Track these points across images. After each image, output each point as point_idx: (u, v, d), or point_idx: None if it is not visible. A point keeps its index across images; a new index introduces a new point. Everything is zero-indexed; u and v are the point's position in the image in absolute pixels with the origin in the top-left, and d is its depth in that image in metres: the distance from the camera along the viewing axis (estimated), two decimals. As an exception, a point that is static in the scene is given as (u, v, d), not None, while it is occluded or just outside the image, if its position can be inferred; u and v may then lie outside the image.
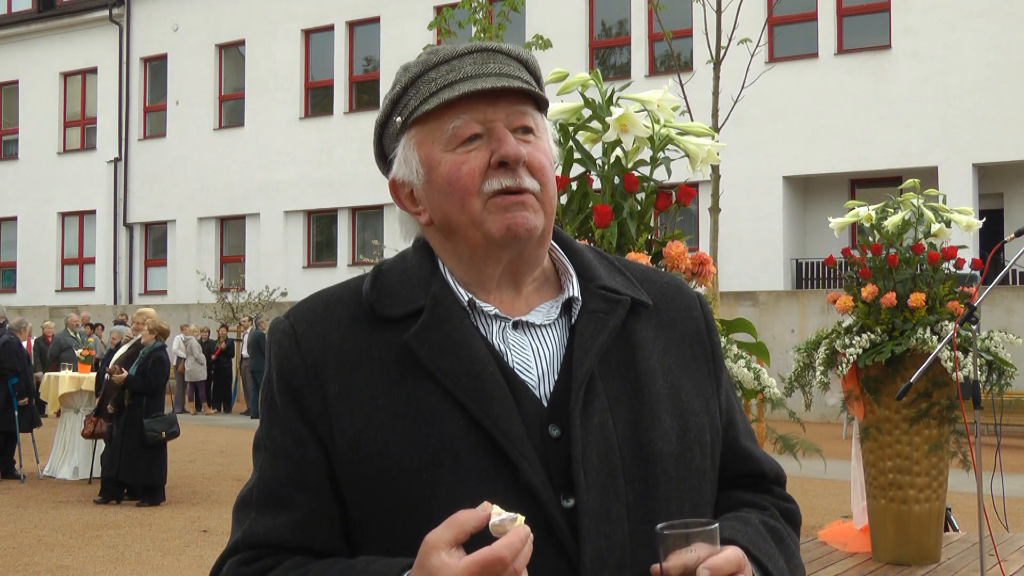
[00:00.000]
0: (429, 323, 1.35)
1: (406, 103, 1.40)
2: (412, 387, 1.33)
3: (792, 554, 1.43)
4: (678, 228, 3.68)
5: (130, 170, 27.75)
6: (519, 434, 1.30)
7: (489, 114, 1.36)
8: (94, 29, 28.32)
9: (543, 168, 1.38)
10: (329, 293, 1.46)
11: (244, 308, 23.26)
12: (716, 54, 8.67)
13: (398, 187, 1.44)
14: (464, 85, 1.35)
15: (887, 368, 6.13)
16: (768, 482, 1.52)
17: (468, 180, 1.35)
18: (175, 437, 9.97)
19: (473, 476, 1.29)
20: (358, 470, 1.32)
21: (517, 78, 1.38)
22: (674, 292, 1.50)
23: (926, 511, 6.19)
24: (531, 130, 1.39)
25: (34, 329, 16.99)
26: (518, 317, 1.40)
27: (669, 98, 3.53)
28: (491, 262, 1.39)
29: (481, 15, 9.35)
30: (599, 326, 1.38)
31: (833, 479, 10.33)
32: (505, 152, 1.34)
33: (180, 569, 7.37)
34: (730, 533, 1.35)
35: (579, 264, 1.45)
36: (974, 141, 18.47)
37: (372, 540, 1.34)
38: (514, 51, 1.42)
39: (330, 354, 1.37)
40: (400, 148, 1.42)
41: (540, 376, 1.37)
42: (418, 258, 1.43)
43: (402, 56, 22.08)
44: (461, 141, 1.36)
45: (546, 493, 1.29)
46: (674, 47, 10.81)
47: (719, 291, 9.57)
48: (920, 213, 6.33)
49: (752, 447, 1.52)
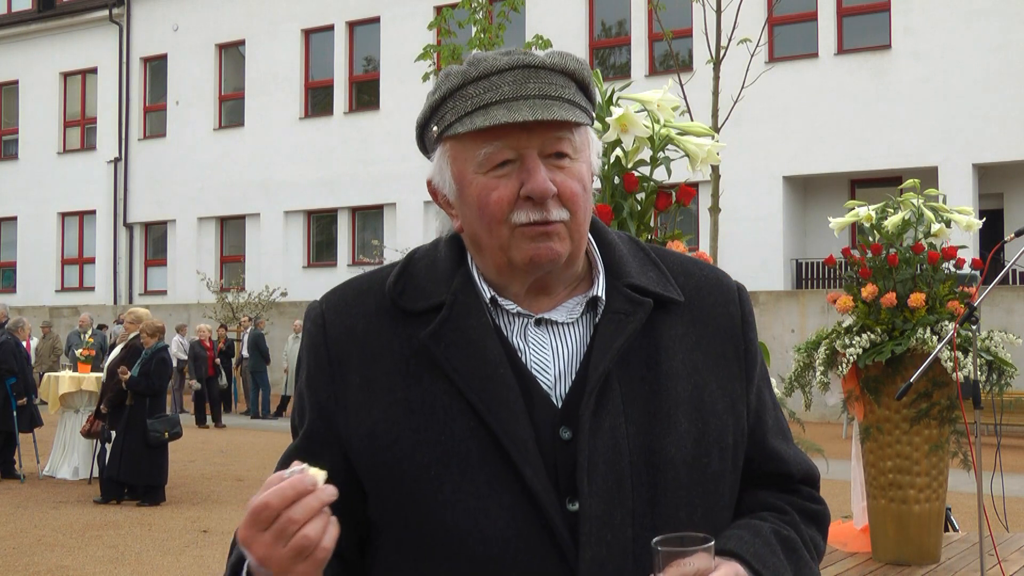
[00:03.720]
0: (448, 320, 1.36)
1: (443, 115, 1.37)
2: (428, 384, 1.34)
3: (804, 563, 1.40)
4: (678, 228, 3.68)
5: (130, 170, 27.75)
6: (525, 438, 1.30)
7: (523, 141, 1.33)
8: (94, 29, 28.32)
9: (574, 196, 1.34)
10: (360, 281, 1.46)
11: (244, 308, 23.25)
12: (716, 54, 8.66)
13: (435, 190, 1.44)
14: (499, 112, 1.31)
15: (887, 368, 6.12)
16: (795, 483, 1.48)
17: (496, 208, 1.33)
18: (178, 437, 9.99)
19: (479, 476, 1.30)
20: (371, 462, 1.34)
21: (558, 99, 1.33)
22: (712, 286, 1.47)
23: (926, 511, 6.18)
24: (566, 155, 1.35)
25: (34, 329, 17.02)
26: (541, 314, 1.39)
27: (669, 98, 3.53)
28: (516, 281, 1.39)
29: (481, 15, 9.34)
30: (619, 328, 1.37)
31: (833, 479, 10.32)
32: (531, 188, 1.31)
33: (180, 569, 7.37)
34: (735, 544, 1.33)
35: (610, 259, 1.43)
36: (974, 141, 18.47)
37: (384, 531, 1.36)
38: (559, 64, 1.36)
39: (354, 345, 1.39)
40: (436, 156, 1.41)
41: (557, 376, 1.36)
42: (448, 250, 1.44)
43: (402, 56, 22.08)
44: (493, 166, 1.34)
45: (548, 498, 1.29)
46: (674, 47, 10.80)
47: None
48: (920, 213, 6.33)
49: (781, 446, 1.48)
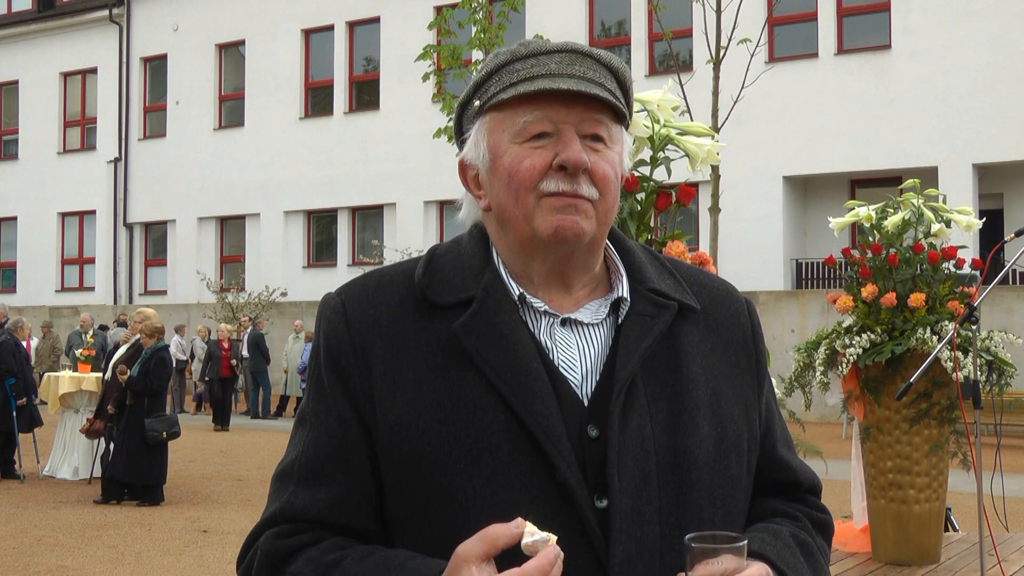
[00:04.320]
0: (479, 314, 1.36)
1: (487, 88, 1.40)
2: (457, 376, 1.34)
3: (820, 568, 1.44)
4: (678, 228, 3.67)
5: (130, 170, 27.75)
6: (559, 432, 1.30)
7: (562, 115, 1.35)
8: (94, 29, 28.33)
9: (606, 178, 1.37)
10: (382, 273, 1.46)
11: (244, 308, 23.25)
12: (716, 54, 8.65)
13: (466, 168, 1.45)
14: (543, 82, 1.34)
15: (887, 368, 6.12)
16: (803, 491, 1.52)
17: (527, 175, 1.35)
18: (176, 437, 9.99)
19: (510, 470, 1.30)
20: (397, 454, 1.33)
21: (600, 84, 1.37)
22: (723, 297, 1.50)
23: (926, 511, 6.18)
24: (602, 139, 1.38)
25: (34, 329, 17.03)
26: (566, 314, 1.40)
27: (669, 98, 3.52)
28: (538, 258, 1.39)
29: (481, 15, 9.34)
30: (645, 330, 1.38)
31: (833, 479, 10.32)
32: (566, 157, 1.34)
33: (180, 569, 7.37)
34: (759, 546, 1.35)
35: (630, 264, 1.45)
36: (974, 141, 18.48)
37: (406, 524, 1.35)
38: (605, 58, 1.40)
39: (378, 335, 1.38)
40: (474, 130, 1.43)
41: (584, 375, 1.37)
42: (472, 246, 1.44)
43: (402, 56, 22.09)
44: (529, 136, 1.36)
45: (580, 493, 1.29)
46: (674, 47, 10.79)
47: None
48: (920, 213, 6.33)
49: (789, 456, 1.52)
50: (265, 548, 1.36)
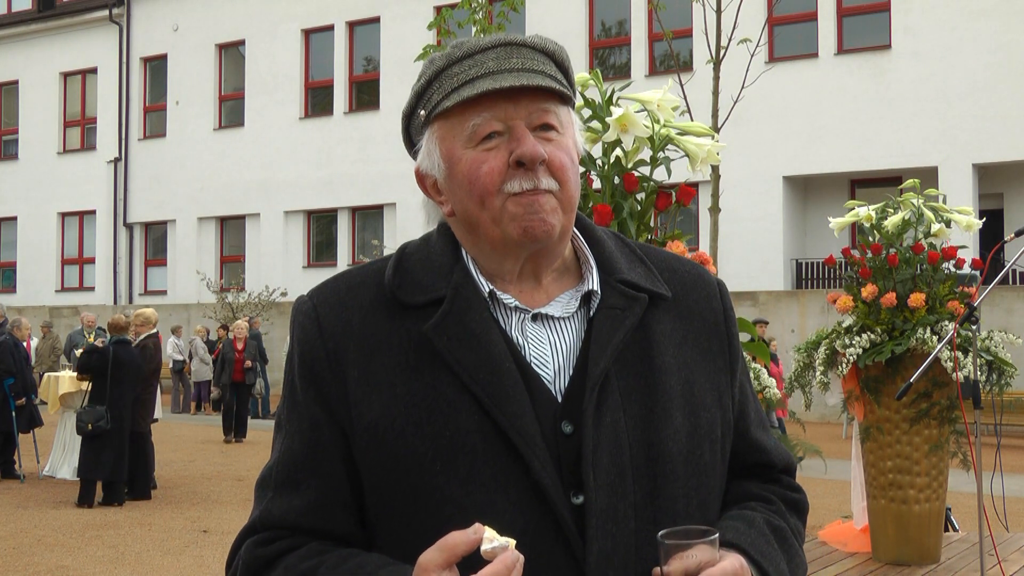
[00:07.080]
0: (449, 313, 1.35)
1: (429, 97, 1.40)
2: (430, 377, 1.34)
3: (795, 553, 1.45)
4: (678, 228, 3.68)
5: (130, 170, 27.75)
6: (532, 432, 1.31)
7: (510, 112, 1.35)
8: (94, 29, 28.32)
9: (563, 167, 1.37)
10: (352, 275, 1.45)
11: (244, 308, 23.25)
12: (716, 54, 8.66)
13: (423, 177, 1.45)
14: (484, 83, 1.34)
15: (887, 368, 6.13)
16: (777, 472, 1.53)
17: (487, 180, 1.35)
18: (103, 431, 9.78)
19: (486, 470, 1.30)
20: (375, 456, 1.33)
21: (540, 73, 1.37)
22: (695, 281, 1.50)
23: (926, 511, 6.19)
24: (553, 127, 1.38)
25: (34, 329, 17.02)
26: (537, 309, 1.40)
27: (669, 98, 3.52)
28: (510, 258, 1.39)
29: (481, 15, 9.33)
30: (616, 323, 1.38)
31: (833, 479, 10.32)
32: (522, 152, 1.34)
33: (180, 569, 7.37)
34: (733, 536, 1.36)
35: (600, 255, 1.45)
36: (974, 141, 18.48)
37: (386, 527, 1.35)
38: (539, 44, 1.41)
39: (351, 339, 1.37)
40: (424, 140, 1.42)
41: (556, 371, 1.37)
42: (441, 244, 1.44)
43: (402, 56, 22.09)
44: (481, 139, 1.36)
45: (556, 491, 1.30)
46: (674, 47, 10.79)
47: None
48: (920, 213, 6.33)
49: (763, 437, 1.52)
50: (245, 557, 1.37)
